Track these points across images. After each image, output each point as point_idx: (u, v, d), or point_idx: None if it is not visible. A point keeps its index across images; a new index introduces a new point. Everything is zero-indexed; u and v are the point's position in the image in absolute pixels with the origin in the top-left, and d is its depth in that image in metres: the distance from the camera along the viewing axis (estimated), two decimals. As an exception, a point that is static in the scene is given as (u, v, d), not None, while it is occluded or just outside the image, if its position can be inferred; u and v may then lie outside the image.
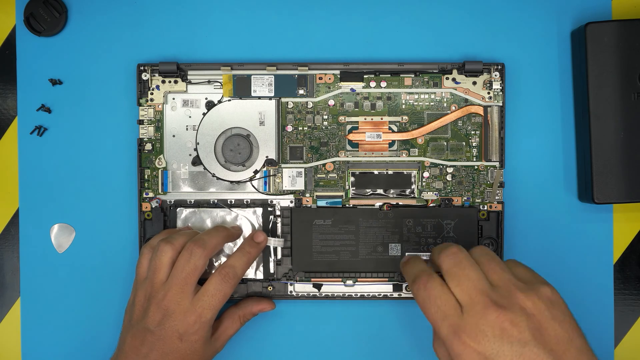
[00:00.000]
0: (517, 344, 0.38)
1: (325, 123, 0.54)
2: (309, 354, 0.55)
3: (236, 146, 0.54)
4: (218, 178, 0.54)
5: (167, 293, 0.47)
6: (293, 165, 0.54)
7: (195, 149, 0.54)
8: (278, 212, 0.54)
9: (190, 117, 0.54)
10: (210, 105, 0.54)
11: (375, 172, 0.54)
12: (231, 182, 0.54)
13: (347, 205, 0.54)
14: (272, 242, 0.53)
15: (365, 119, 0.54)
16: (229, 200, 0.54)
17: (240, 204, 0.54)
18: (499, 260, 0.43)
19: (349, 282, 0.54)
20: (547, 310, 0.39)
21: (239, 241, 0.53)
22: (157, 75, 0.54)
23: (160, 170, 0.54)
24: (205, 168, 0.54)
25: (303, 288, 0.54)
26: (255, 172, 0.54)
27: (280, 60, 0.54)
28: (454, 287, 0.40)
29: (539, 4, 0.55)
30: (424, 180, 0.54)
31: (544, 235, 0.54)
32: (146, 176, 0.54)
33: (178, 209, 0.54)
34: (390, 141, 0.54)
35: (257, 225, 0.53)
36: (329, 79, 0.54)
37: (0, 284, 0.55)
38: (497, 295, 0.39)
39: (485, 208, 0.54)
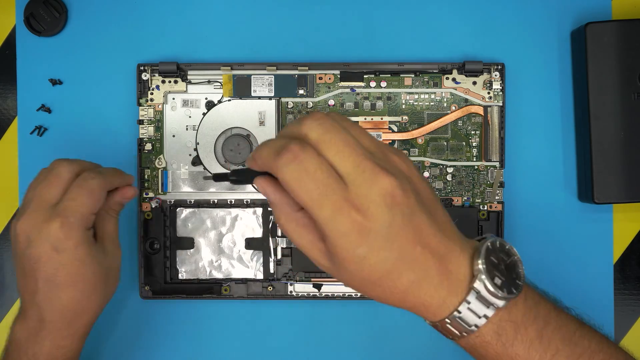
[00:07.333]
0: (407, 211, 0.33)
1: (325, 123, 0.54)
2: (309, 354, 0.55)
3: (236, 146, 0.54)
4: (218, 178, 0.54)
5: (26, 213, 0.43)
6: (293, 165, 0.54)
7: (195, 149, 0.54)
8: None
9: (190, 117, 0.54)
10: (210, 105, 0.54)
11: (375, 172, 0.54)
12: (231, 182, 0.54)
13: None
14: (286, 242, 0.53)
15: (365, 119, 0.54)
16: (229, 201, 0.54)
17: (240, 204, 0.54)
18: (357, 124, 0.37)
19: (349, 282, 0.54)
20: (415, 169, 0.36)
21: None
22: (157, 75, 0.54)
23: (160, 170, 0.54)
24: (205, 168, 0.54)
25: (303, 288, 0.54)
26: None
27: (280, 60, 0.54)
28: (334, 156, 0.33)
29: (539, 4, 0.55)
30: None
31: (544, 235, 0.54)
32: (146, 176, 0.54)
33: (178, 209, 0.54)
34: (391, 141, 0.54)
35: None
36: (329, 79, 0.54)
37: (0, 284, 0.55)
38: (379, 159, 0.34)
39: (485, 208, 0.54)
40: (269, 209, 0.54)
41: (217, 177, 0.40)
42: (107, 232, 0.47)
